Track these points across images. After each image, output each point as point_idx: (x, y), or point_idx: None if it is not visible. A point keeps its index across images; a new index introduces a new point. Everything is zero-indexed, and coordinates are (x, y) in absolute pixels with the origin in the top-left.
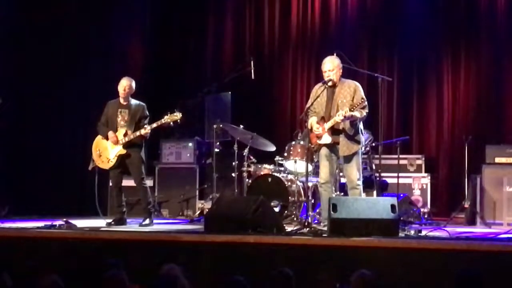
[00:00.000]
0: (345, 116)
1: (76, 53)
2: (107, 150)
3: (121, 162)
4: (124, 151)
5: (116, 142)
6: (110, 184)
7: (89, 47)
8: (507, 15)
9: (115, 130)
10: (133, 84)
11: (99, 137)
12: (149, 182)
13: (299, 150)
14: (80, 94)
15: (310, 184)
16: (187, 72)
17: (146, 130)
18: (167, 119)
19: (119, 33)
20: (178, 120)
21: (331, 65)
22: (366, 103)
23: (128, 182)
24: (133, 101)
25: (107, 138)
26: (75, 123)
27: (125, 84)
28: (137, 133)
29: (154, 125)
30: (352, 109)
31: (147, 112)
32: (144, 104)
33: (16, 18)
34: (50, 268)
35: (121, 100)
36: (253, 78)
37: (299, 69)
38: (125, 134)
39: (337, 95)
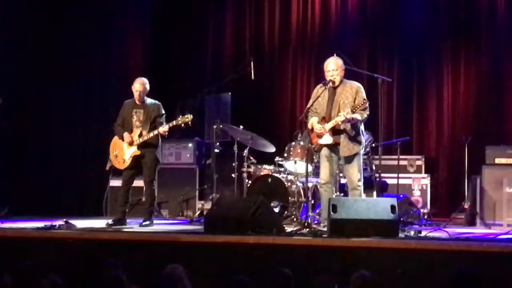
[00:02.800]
0: (346, 118)
1: (76, 54)
2: (122, 151)
3: (135, 163)
4: (138, 152)
5: (132, 143)
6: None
7: (89, 48)
8: (507, 16)
9: (130, 131)
10: (147, 85)
11: (116, 138)
12: None
13: (299, 151)
14: (80, 94)
15: (310, 184)
16: (187, 73)
17: (164, 128)
18: (179, 121)
19: (119, 34)
20: (189, 123)
21: (334, 65)
22: (367, 104)
23: (136, 183)
24: (149, 101)
25: (123, 139)
26: (75, 123)
27: (138, 88)
28: (151, 134)
29: (167, 127)
30: (354, 111)
31: (163, 111)
32: (159, 103)
33: (17, 18)
34: (49, 268)
35: (136, 100)
36: (253, 78)
37: (299, 70)
38: (140, 135)
39: (338, 96)
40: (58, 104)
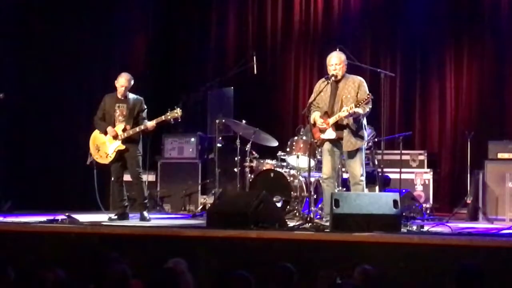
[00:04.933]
0: (349, 112)
1: (79, 48)
2: (105, 145)
3: (120, 156)
4: (123, 147)
5: (116, 137)
6: (112, 178)
7: (92, 42)
8: (510, 11)
9: (113, 125)
10: (132, 81)
11: (96, 132)
12: (151, 177)
13: (301, 145)
14: (82, 88)
15: (312, 179)
16: (189, 67)
17: (151, 123)
18: (167, 116)
19: (122, 28)
20: (179, 118)
21: (337, 60)
22: (370, 99)
23: (129, 177)
24: (131, 96)
25: (105, 133)
26: (77, 118)
27: (122, 83)
28: (137, 129)
29: (154, 122)
30: (358, 105)
31: (145, 106)
32: (141, 98)
33: (20, 14)
34: (52, 262)
35: (119, 95)
36: (255, 73)
37: (301, 64)
38: (124, 129)
39: (341, 90)
40: (60, 98)
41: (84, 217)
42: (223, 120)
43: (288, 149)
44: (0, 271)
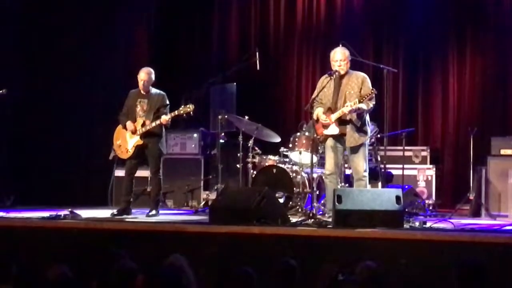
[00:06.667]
0: (352, 108)
1: (82, 44)
2: (126, 141)
3: (139, 152)
4: (141, 142)
5: (134, 132)
6: (124, 173)
7: (94, 38)
8: None
9: (134, 120)
10: (152, 75)
11: (119, 127)
12: None
13: (304, 141)
14: (85, 84)
15: (315, 175)
16: (192, 63)
17: (166, 117)
18: (180, 110)
19: (124, 24)
20: (191, 112)
21: (342, 56)
22: (374, 94)
23: (140, 174)
24: (153, 91)
25: (126, 128)
26: (80, 113)
27: (142, 77)
28: (153, 124)
29: (169, 116)
30: (361, 101)
31: (167, 101)
32: (164, 93)
33: (23, 9)
34: (55, 258)
35: (141, 90)
36: (258, 69)
37: (304, 60)
38: (143, 124)
39: (344, 86)
40: (63, 94)
41: (87, 213)
42: (226, 116)
43: (290, 145)
44: (3, 266)
